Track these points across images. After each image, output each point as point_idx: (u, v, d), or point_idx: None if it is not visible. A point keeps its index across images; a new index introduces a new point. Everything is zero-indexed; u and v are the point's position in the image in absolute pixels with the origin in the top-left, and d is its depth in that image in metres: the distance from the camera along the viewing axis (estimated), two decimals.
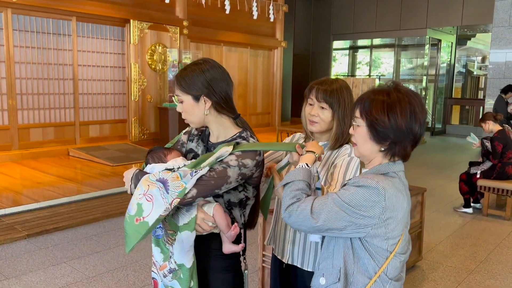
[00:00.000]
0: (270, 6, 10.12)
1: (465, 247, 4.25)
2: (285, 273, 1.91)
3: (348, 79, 12.58)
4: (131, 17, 8.39)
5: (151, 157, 1.63)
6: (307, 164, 1.43)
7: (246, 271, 1.68)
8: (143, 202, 1.45)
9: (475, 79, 15.98)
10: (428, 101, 14.10)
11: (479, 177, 5.25)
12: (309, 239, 1.80)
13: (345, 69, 16.33)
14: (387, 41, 14.86)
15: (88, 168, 6.80)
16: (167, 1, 8.27)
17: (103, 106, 8.48)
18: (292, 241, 1.81)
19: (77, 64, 8.00)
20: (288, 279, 1.91)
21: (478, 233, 4.68)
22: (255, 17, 9.69)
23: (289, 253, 1.83)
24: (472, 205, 5.43)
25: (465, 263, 3.87)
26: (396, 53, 14.67)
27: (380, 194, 1.24)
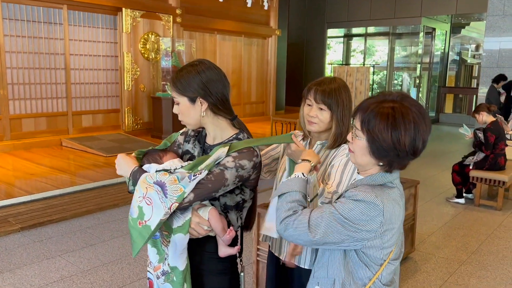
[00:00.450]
0: None
1: (457, 238, 4.30)
2: (282, 270, 1.92)
3: (342, 68, 12.55)
4: (123, 5, 8.28)
5: (147, 160, 1.62)
6: (302, 173, 1.37)
7: (242, 274, 1.67)
8: (143, 205, 1.45)
9: (468, 67, 16.02)
10: (422, 90, 14.13)
11: (471, 168, 5.30)
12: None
13: (339, 57, 16.27)
14: (382, 29, 14.81)
15: (81, 158, 6.76)
16: None
17: (95, 95, 8.40)
18: None
19: (69, 53, 7.90)
20: (285, 275, 1.92)
21: (470, 223, 4.74)
22: (249, 5, 9.59)
23: (286, 250, 1.84)
24: (464, 195, 5.48)
25: (456, 254, 3.91)
26: (390, 41, 14.63)
27: (378, 209, 1.22)
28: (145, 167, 1.57)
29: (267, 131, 9.37)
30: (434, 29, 13.65)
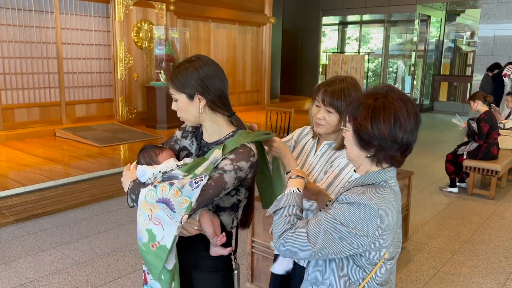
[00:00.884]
0: None
1: (450, 227, 4.34)
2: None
3: (337, 56, 12.50)
4: None
5: (142, 157, 1.60)
6: (298, 188, 1.35)
7: (235, 271, 1.67)
8: (151, 227, 1.42)
9: (463, 55, 16.01)
10: (416, 77, 14.13)
11: (465, 157, 5.33)
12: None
13: (334, 45, 16.21)
14: (377, 17, 14.73)
15: (75, 149, 6.73)
16: None
17: (89, 85, 8.33)
18: None
19: (61, 42, 7.80)
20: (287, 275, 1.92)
21: (462, 213, 4.78)
22: None
23: None
24: (457, 184, 5.53)
25: (449, 244, 3.96)
26: (385, 29, 14.57)
27: (374, 211, 1.22)
28: (138, 172, 1.53)
29: (261, 120, 9.35)
30: (429, 17, 13.60)
